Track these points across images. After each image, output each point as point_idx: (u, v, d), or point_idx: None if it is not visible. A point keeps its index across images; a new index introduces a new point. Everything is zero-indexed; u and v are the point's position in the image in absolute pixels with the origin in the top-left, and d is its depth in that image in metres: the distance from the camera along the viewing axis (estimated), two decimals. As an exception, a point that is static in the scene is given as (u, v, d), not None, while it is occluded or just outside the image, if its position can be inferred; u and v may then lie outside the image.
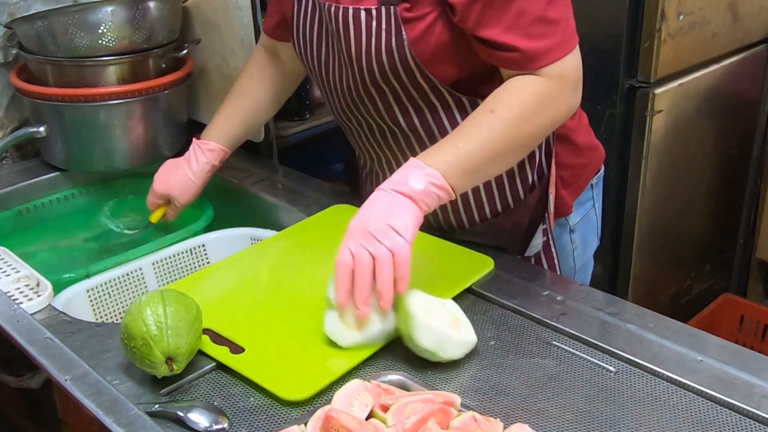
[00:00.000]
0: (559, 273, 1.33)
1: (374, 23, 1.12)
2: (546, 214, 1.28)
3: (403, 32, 1.11)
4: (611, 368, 1.01)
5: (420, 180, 1.03)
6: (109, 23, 1.52)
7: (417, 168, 1.05)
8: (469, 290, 1.18)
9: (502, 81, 1.17)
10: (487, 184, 1.26)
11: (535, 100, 1.08)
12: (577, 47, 1.11)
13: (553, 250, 1.31)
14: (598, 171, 1.39)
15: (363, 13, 1.12)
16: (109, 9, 1.51)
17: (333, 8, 1.15)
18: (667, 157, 2.10)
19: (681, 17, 1.96)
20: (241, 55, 1.65)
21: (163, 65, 1.64)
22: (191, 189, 1.46)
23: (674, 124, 2.08)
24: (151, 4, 1.56)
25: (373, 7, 1.11)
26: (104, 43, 1.53)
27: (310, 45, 1.25)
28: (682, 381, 0.97)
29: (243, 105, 1.47)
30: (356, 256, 1.00)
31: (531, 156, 1.25)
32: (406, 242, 1.01)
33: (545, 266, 1.32)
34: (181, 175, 1.45)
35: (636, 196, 2.08)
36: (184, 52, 1.67)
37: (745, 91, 2.33)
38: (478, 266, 1.22)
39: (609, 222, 2.12)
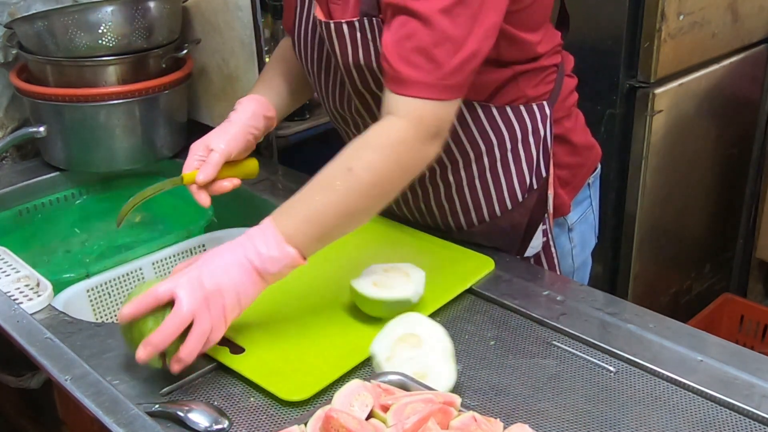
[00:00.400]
0: (558, 272, 1.33)
1: (359, 35, 1.12)
2: (546, 215, 1.28)
3: None
4: (611, 368, 1.01)
5: (274, 257, 0.99)
6: (109, 23, 1.52)
7: (273, 241, 0.99)
8: (469, 290, 1.18)
9: (494, 84, 1.17)
10: (485, 187, 1.26)
11: (390, 152, 1.03)
12: (454, 103, 1.05)
13: (553, 250, 1.31)
14: (595, 170, 1.40)
15: (345, 27, 1.12)
16: (109, 9, 1.51)
17: (322, 23, 1.15)
18: (667, 157, 2.10)
19: (681, 17, 1.96)
20: (241, 55, 1.65)
21: (163, 65, 1.64)
22: (227, 133, 1.26)
23: (674, 124, 2.08)
24: (151, 4, 1.56)
25: (354, 19, 1.11)
26: (104, 43, 1.53)
27: (310, 50, 1.25)
28: (682, 381, 0.98)
29: (286, 74, 1.37)
30: (179, 306, 0.94)
31: (528, 158, 1.25)
32: (224, 328, 0.98)
33: (545, 266, 1.32)
34: (223, 124, 1.29)
35: (636, 196, 2.08)
36: (184, 52, 1.67)
37: (745, 91, 2.33)
38: (479, 266, 1.22)
39: (609, 222, 2.13)
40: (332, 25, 1.13)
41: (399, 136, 1.03)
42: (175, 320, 0.93)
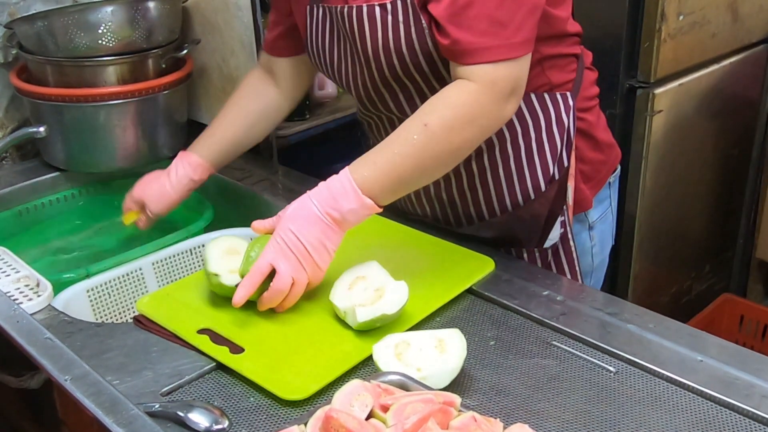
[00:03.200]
0: (577, 267, 1.33)
1: (390, 18, 1.11)
2: (564, 207, 1.28)
3: (423, 23, 1.09)
4: (611, 368, 1.01)
5: (353, 209, 1.07)
6: (109, 23, 1.52)
7: (352, 194, 1.07)
8: (469, 290, 1.18)
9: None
10: (509, 176, 1.25)
11: (465, 111, 1.06)
12: (525, 58, 1.08)
13: (571, 243, 1.30)
14: (615, 169, 1.39)
15: (378, 9, 1.11)
16: (109, 9, 1.51)
17: (346, 9, 1.14)
18: (667, 157, 2.10)
19: (681, 17, 1.96)
20: (241, 55, 1.65)
21: (163, 65, 1.64)
22: (166, 200, 1.43)
23: (674, 124, 2.08)
24: (151, 5, 1.56)
25: (388, 1, 1.10)
26: (104, 43, 1.53)
27: (323, 52, 1.25)
28: (682, 381, 0.98)
29: (234, 122, 1.44)
30: (281, 276, 1.07)
31: (552, 147, 1.24)
32: (323, 273, 1.10)
33: (563, 258, 1.31)
34: (159, 185, 1.43)
35: (636, 196, 2.08)
36: (184, 52, 1.67)
37: (744, 91, 2.33)
38: (479, 267, 1.22)
39: (609, 222, 2.13)
40: (365, 9, 1.12)
41: (473, 98, 1.06)
42: (279, 286, 1.07)
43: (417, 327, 1.08)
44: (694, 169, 2.26)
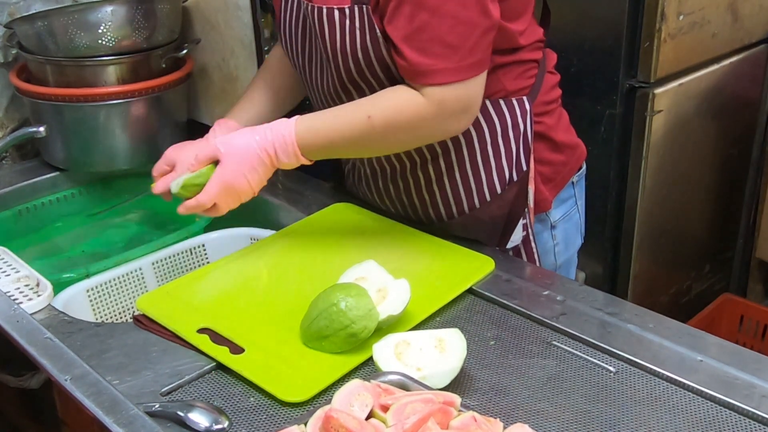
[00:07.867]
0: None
1: (348, 22, 1.14)
2: (526, 210, 1.29)
3: (377, 30, 1.13)
4: (611, 368, 1.01)
5: (290, 165, 1.18)
6: (109, 23, 1.52)
7: (291, 149, 1.16)
8: (469, 290, 1.18)
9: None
10: (465, 179, 1.27)
11: (409, 119, 1.12)
12: (477, 79, 1.12)
13: (533, 245, 1.32)
14: (580, 169, 1.40)
15: (336, 13, 1.14)
16: (109, 9, 1.51)
17: (310, 7, 1.17)
18: (667, 157, 2.10)
19: (681, 17, 1.96)
20: (241, 55, 1.65)
21: (163, 65, 1.64)
22: None
23: (674, 124, 2.08)
24: (151, 5, 1.56)
25: (346, 6, 1.13)
26: (104, 42, 1.53)
27: (295, 42, 1.27)
28: (681, 381, 0.98)
29: (266, 96, 1.41)
30: (218, 209, 1.23)
31: (508, 151, 1.26)
32: (239, 203, 1.24)
33: (524, 258, 1.33)
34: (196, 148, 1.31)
35: (636, 196, 2.08)
36: (184, 51, 1.67)
37: (745, 91, 2.33)
38: (479, 267, 1.22)
39: (609, 222, 2.12)
40: (324, 10, 1.15)
41: (418, 110, 1.11)
42: (195, 204, 1.22)
43: (417, 327, 1.08)
44: (694, 169, 2.25)
